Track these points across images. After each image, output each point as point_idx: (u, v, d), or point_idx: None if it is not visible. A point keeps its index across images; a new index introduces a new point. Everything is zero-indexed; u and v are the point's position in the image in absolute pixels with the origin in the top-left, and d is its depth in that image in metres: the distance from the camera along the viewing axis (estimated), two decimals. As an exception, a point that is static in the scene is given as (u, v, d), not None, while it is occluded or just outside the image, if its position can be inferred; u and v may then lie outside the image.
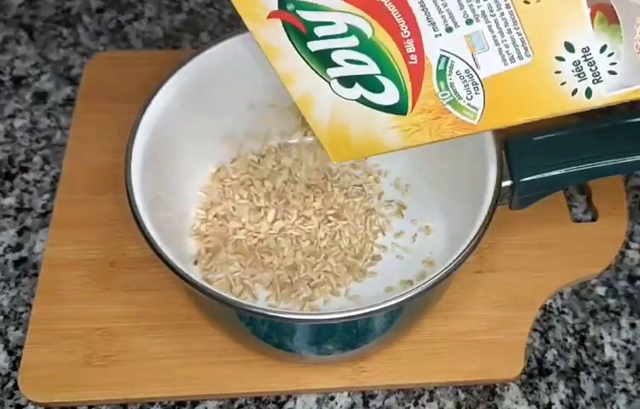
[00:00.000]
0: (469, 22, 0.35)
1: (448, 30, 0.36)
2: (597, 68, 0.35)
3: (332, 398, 0.46)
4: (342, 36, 0.38)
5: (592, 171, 0.46)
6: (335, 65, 0.39)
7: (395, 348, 0.47)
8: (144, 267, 0.49)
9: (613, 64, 0.35)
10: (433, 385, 0.47)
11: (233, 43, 0.50)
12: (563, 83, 0.36)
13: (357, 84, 0.39)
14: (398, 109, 0.40)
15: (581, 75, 0.35)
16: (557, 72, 0.36)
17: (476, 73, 0.37)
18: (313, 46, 0.38)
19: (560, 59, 0.35)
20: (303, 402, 0.46)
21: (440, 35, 0.36)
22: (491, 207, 0.43)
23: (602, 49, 0.34)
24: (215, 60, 0.50)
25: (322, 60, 0.39)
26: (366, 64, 0.38)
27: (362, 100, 0.40)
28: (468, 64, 0.37)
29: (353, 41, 0.38)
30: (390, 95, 0.39)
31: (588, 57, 0.35)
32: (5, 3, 0.67)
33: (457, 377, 0.46)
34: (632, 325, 0.50)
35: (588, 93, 0.36)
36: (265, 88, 0.53)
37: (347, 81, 0.40)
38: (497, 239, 0.51)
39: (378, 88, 0.39)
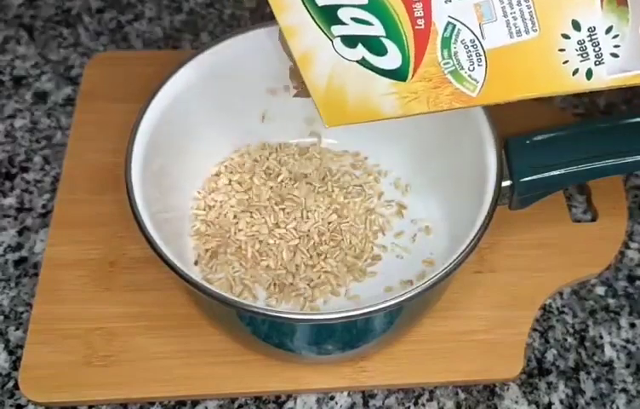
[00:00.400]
0: None
1: None
2: (600, 49, 0.35)
3: (332, 398, 0.46)
4: None
5: (592, 171, 0.46)
6: (341, 22, 0.38)
7: (395, 348, 0.47)
8: (144, 267, 0.49)
9: (616, 46, 0.35)
10: (433, 385, 0.47)
11: (233, 43, 0.50)
12: (566, 62, 0.36)
13: (360, 45, 0.39)
14: (399, 75, 0.39)
15: (584, 55, 0.35)
16: (561, 50, 0.36)
17: (481, 44, 0.37)
18: (321, 1, 0.38)
19: (565, 36, 0.35)
20: (303, 402, 0.46)
21: (450, 1, 0.36)
22: (491, 207, 0.43)
23: (608, 30, 0.34)
24: (215, 61, 0.50)
25: (328, 16, 0.38)
26: (372, 24, 0.38)
27: (363, 62, 0.39)
28: (474, 33, 0.37)
29: None
30: (392, 59, 0.39)
31: (593, 37, 0.35)
32: (5, 3, 0.67)
33: (457, 376, 0.46)
34: (632, 325, 0.50)
35: (589, 74, 0.36)
36: (265, 87, 0.53)
37: (350, 40, 0.39)
38: (497, 239, 0.51)
39: (381, 50, 0.39)
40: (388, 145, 0.53)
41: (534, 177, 0.46)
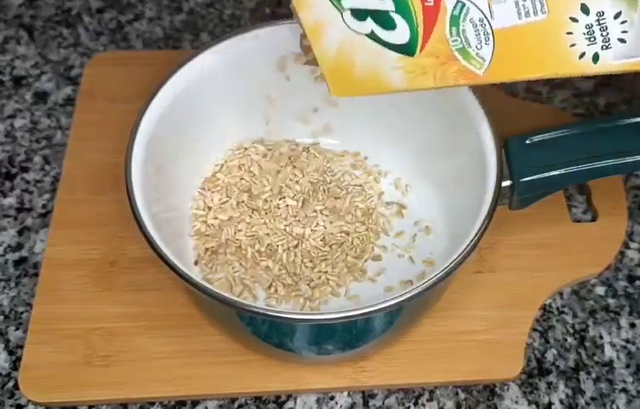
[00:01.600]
0: None
1: None
2: (608, 34, 0.35)
3: (332, 398, 0.46)
4: None
5: (592, 171, 0.46)
6: None
7: (395, 348, 0.47)
8: (144, 267, 0.49)
9: (624, 32, 0.35)
10: (433, 385, 0.47)
11: (233, 43, 0.50)
12: (573, 45, 0.36)
13: (369, 18, 0.39)
14: (407, 49, 0.40)
15: (592, 39, 0.36)
16: (569, 33, 0.36)
17: (489, 23, 0.37)
18: None
19: (574, 20, 0.35)
20: (303, 402, 0.46)
21: None
22: (491, 207, 0.43)
23: (617, 16, 0.35)
24: (215, 61, 0.50)
25: None
26: None
27: (372, 36, 0.40)
28: (483, 13, 0.37)
29: None
30: (400, 34, 0.39)
31: (602, 21, 0.35)
32: (5, 3, 0.67)
33: (457, 376, 0.46)
34: (632, 325, 0.50)
35: (595, 58, 0.36)
36: (265, 87, 0.53)
37: (360, 14, 0.39)
38: (497, 239, 0.51)
39: (390, 25, 0.39)
40: (388, 145, 0.53)
41: (534, 177, 0.46)
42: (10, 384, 0.47)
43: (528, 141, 0.47)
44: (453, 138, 0.49)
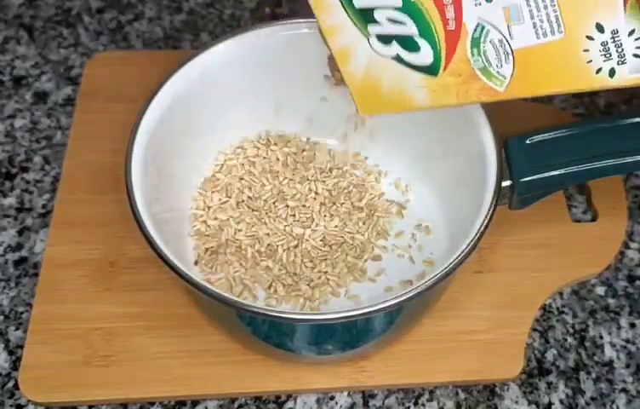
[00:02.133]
0: None
1: (489, 0, 0.38)
2: (623, 50, 0.37)
3: (332, 398, 0.46)
4: None
5: (592, 171, 0.46)
6: (376, 22, 0.41)
7: (395, 348, 0.47)
8: (144, 267, 0.49)
9: (638, 48, 0.36)
10: (433, 385, 0.47)
11: (233, 42, 0.50)
12: (590, 62, 0.37)
13: (394, 42, 0.41)
14: (431, 70, 0.41)
15: (607, 55, 0.37)
16: (585, 51, 0.37)
17: (508, 44, 0.39)
18: (358, 3, 0.40)
19: (590, 38, 0.37)
20: (303, 402, 0.46)
21: (480, 4, 0.38)
22: (491, 207, 0.43)
23: (631, 33, 0.36)
24: (215, 61, 0.50)
25: (365, 16, 0.41)
26: (405, 24, 0.40)
27: (397, 59, 0.42)
28: (502, 34, 0.38)
29: (397, 1, 0.39)
30: (424, 56, 0.41)
31: (616, 39, 0.36)
32: (5, 3, 0.67)
33: (457, 376, 0.46)
34: (632, 325, 0.50)
35: (611, 73, 0.37)
36: (265, 88, 0.53)
37: (386, 39, 0.41)
38: (497, 239, 0.51)
39: (414, 47, 0.41)
40: (388, 145, 0.53)
41: (534, 177, 0.46)
42: (10, 384, 0.47)
43: (528, 141, 0.47)
44: (453, 138, 0.49)
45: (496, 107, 0.46)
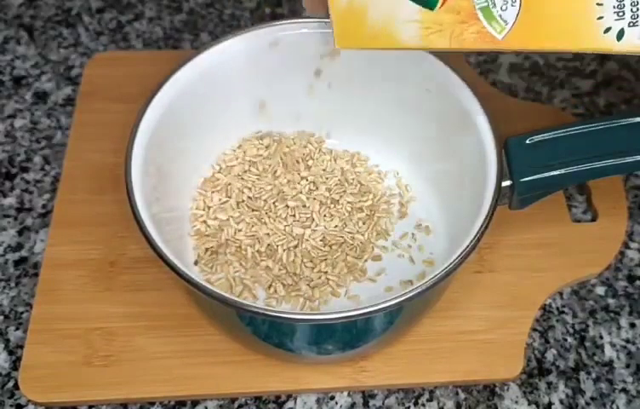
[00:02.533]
0: None
1: None
2: (638, 10, 0.35)
3: (332, 398, 0.46)
4: None
5: (592, 171, 0.46)
6: None
7: (395, 348, 0.47)
8: (144, 267, 0.49)
9: None
10: (433, 385, 0.47)
11: (233, 42, 0.50)
12: (600, 18, 0.35)
13: None
14: (428, 1, 0.38)
15: (620, 14, 0.35)
16: (599, 4, 0.35)
17: None
18: None
19: None
20: (303, 402, 0.46)
21: None
22: (491, 207, 0.43)
23: None
24: (215, 60, 0.50)
25: None
26: None
27: None
28: None
29: None
30: None
31: None
32: (5, 3, 0.67)
33: (457, 376, 0.46)
34: (632, 325, 0.50)
35: (620, 34, 0.36)
36: (265, 87, 0.53)
37: None
38: (497, 239, 0.51)
39: None
40: (388, 145, 0.53)
41: (534, 177, 0.46)
42: (10, 384, 0.47)
43: (528, 141, 0.47)
44: (453, 138, 0.49)
45: (496, 107, 0.46)
